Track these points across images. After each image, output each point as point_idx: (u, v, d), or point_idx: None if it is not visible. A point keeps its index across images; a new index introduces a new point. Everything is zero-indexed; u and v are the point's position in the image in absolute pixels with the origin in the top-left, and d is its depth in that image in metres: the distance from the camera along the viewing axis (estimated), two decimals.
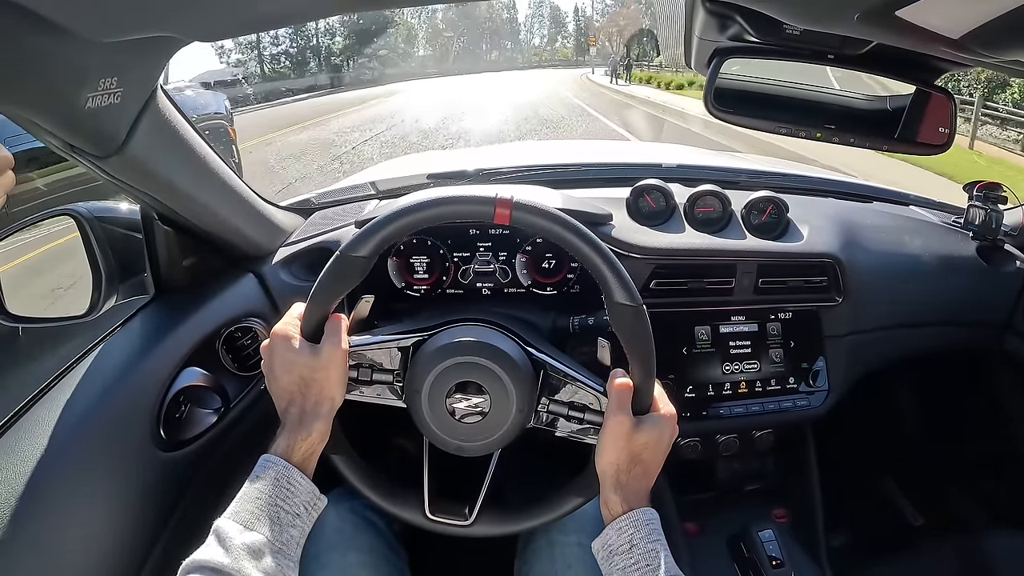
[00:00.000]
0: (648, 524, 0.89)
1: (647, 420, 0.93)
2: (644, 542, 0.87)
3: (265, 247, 1.32)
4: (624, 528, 0.88)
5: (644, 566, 0.85)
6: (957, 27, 0.66)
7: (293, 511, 0.84)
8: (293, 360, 0.91)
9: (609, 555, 0.89)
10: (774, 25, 0.81)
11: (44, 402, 1.03)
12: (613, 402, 0.93)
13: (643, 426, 0.92)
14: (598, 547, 0.91)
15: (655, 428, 0.93)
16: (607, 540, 0.90)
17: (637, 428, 0.91)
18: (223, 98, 8.88)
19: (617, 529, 0.89)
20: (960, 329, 1.59)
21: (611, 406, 0.93)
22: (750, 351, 1.43)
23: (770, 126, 0.99)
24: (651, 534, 0.88)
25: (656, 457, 0.94)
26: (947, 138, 0.94)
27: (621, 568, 0.86)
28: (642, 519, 0.89)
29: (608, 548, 0.89)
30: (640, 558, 0.86)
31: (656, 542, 0.87)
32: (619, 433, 0.91)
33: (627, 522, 0.88)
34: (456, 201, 0.91)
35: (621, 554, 0.87)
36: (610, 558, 0.89)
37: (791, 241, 1.43)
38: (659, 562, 0.85)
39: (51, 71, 0.72)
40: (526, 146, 3.14)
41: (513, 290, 1.42)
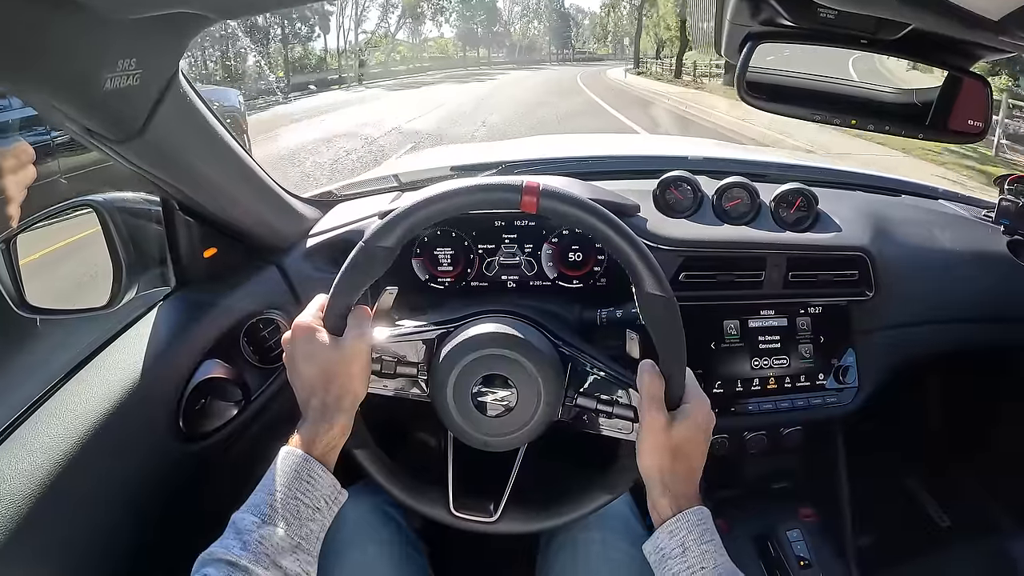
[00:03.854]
0: (700, 525, 0.86)
1: (681, 414, 0.90)
2: (697, 544, 0.84)
3: (288, 239, 1.31)
4: (675, 531, 0.86)
5: (699, 569, 0.82)
6: (998, 8, 0.64)
7: (313, 505, 0.83)
8: (315, 352, 0.89)
9: (662, 559, 0.86)
10: (809, 8, 0.79)
11: (63, 393, 1.02)
12: (645, 400, 0.90)
13: (679, 420, 0.89)
14: (650, 550, 0.89)
15: (691, 420, 0.90)
16: (659, 543, 0.87)
17: (673, 424, 0.89)
18: (236, 93, 8.93)
19: (668, 532, 0.86)
20: (991, 325, 1.56)
21: (644, 405, 0.90)
22: (779, 346, 1.41)
23: (804, 113, 0.96)
24: (703, 535, 0.85)
25: (698, 449, 0.92)
26: (981, 127, 0.92)
27: (675, 573, 0.84)
28: (693, 520, 0.86)
29: (660, 552, 0.86)
30: (694, 561, 0.83)
31: (709, 543, 0.85)
32: (656, 432, 0.88)
33: (678, 524, 0.86)
34: (482, 189, 0.89)
35: (674, 558, 0.84)
36: (663, 562, 0.86)
37: (821, 234, 1.40)
38: (713, 564, 0.83)
39: (68, 50, 0.70)
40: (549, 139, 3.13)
41: (539, 283, 1.41)
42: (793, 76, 1.00)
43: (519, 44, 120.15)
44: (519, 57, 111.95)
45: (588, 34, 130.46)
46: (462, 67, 78.24)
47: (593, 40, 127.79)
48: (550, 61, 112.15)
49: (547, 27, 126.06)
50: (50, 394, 1.02)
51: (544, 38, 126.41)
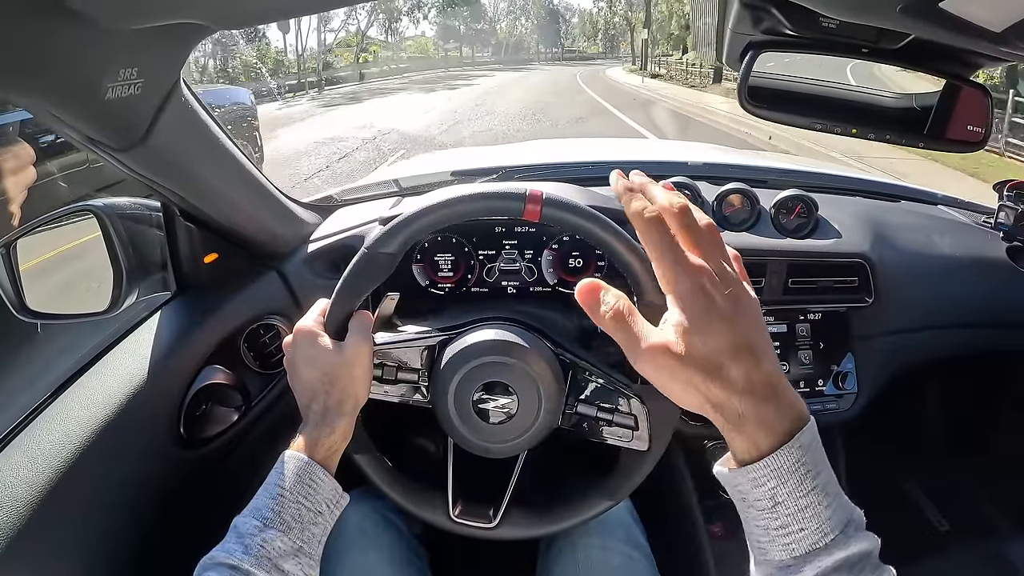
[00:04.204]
0: (796, 471, 0.58)
1: (672, 315, 0.62)
2: (792, 498, 0.59)
3: (288, 244, 1.31)
4: (760, 479, 0.59)
5: (797, 531, 0.59)
6: (1001, 20, 0.64)
7: (315, 508, 0.83)
8: (317, 356, 0.89)
9: (745, 505, 0.63)
10: (811, 17, 0.79)
11: (63, 399, 1.02)
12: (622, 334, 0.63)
13: (678, 325, 0.61)
14: (727, 479, 0.63)
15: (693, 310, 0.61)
16: (737, 484, 0.62)
17: (675, 334, 0.60)
18: (247, 92, 8.92)
19: (752, 480, 0.60)
20: (990, 331, 1.56)
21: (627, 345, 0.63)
22: (779, 352, 1.41)
23: (804, 122, 0.96)
24: (800, 485, 0.58)
25: (750, 339, 0.60)
26: (982, 135, 0.92)
27: (764, 527, 0.60)
28: (785, 465, 0.58)
29: (741, 495, 0.62)
30: (789, 520, 0.59)
31: (809, 494, 0.59)
32: (664, 365, 0.60)
33: (764, 472, 0.59)
34: (486, 197, 0.89)
35: (762, 511, 0.60)
36: (747, 509, 0.62)
37: (821, 240, 1.41)
38: (817, 523, 0.59)
39: (69, 60, 0.70)
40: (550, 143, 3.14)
41: (539, 289, 1.41)
42: (794, 81, 1.00)
43: (505, 42, 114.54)
44: (505, 56, 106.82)
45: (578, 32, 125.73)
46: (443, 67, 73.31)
47: (583, 38, 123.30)
48: (539, 60, 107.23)
49: (535, 24, 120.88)
50: (51, 400, 1.02)
51: (532, 36, 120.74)
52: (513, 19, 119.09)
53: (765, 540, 0.61)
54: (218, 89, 8.59)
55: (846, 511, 0.61)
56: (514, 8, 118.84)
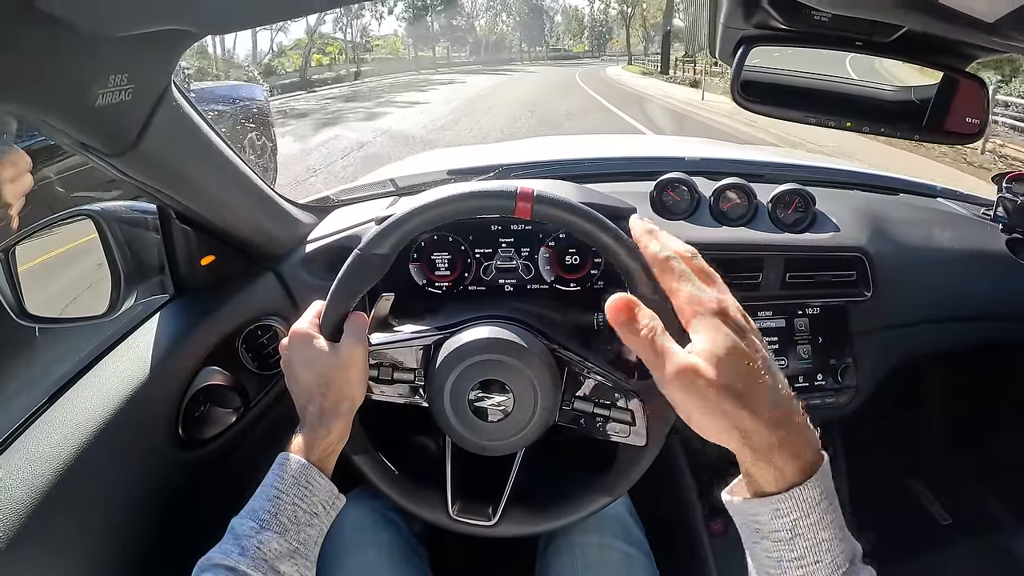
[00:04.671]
0: (820, 504, 0.60)
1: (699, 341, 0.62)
2: (812, 531, 0.59)
3: (285, 245, 1.31)
4: (784, 510, 0.60)
5: (812, 563, 0.60)
6: (993, 10, 0.64)
7: (311, 510, 0.83)
8: (313, 358, 0.90)
9: (758, 536, 0.62)
10: (802, 11, 0.79)
11: (62, 402, 1.03)
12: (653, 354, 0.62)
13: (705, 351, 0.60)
14: (738, 510, 0.64)
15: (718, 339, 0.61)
16: (755, 514, 0.62)
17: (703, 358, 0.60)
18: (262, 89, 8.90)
19: (774, 511, 0.60)
20: (990, 324, 1.56)
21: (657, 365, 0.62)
22: (777, 347, 1.40)
23: (798, 116, 0.96)
24: (822, 519, 0.60)
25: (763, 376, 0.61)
26: (978, 127, 0.92)
27: (777, 559, 0.61)
28: (811, 498, 0.59)
29: (755, 525, 0.62)
30: (806, 552, 0.60)
31: (828, 527, 0.60)
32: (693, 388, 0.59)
33: (789, 504, 0.59)
34: (476, 196, 0.89)
35: (779, 542, 0.60)
36: (760, 540, 0.62)
37: (819, 234, 1.40)
38: (831, 556, 0.60)
39: (59, 69, 0.70)
40: (546, 141, 3.14)
41: (536, 286, 1.41)
42: (788, 75, 1.00)
43: (485, 41, 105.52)
44: (485, 56, 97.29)
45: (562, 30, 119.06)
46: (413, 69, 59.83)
47: (568, 36, 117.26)
48: (522, 60, 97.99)
49: (517, 22, 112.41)
50: (50, 403, 1.02)
51: (514, 34, 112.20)
52: (493, 15, 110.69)
53: (776, 571, 0.61)
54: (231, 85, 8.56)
55: (851, 544, 0.62)
56: (494, 4, 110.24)
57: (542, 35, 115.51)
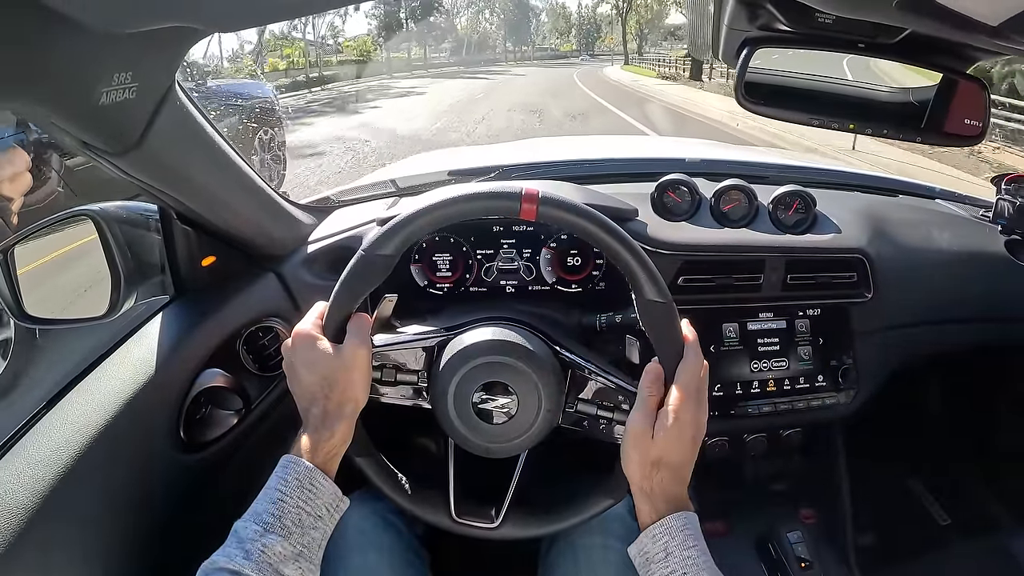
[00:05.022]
0: (683, 530, 0.86)
1: (667, 430, 0.88)
2: (680, 549, 0.84)
3: (286, 246, 1.30)
4: (658, 535, 0.86)
5: (681, 574, 0.83)
6: (996, 13, 0.64)
7: (315, 513, 0.83)
8: (316, 359, 0.89)
9: (646, 562, 0.87)
10: (806, 13, 0.79)
11: (63, 404, 1.02)
12: (638, 407, 0.90)
13: (661, 437, 0.88)
14: (634, 553, 0.89)
15: (674, 429, 0.88)
16: (643, 547, 0.87)
17: (655, 436, 0.88)
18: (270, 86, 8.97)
19: (652, 536, 0.86)
20: (990, 325, 1.57)
21: (634, 410, 0.90)
22: (778, 348, 1.41)
23: (802, 118, 0.97)
24: (687, 540, 0.85)
25: (683, 456, 0.90)
26: (979, 129, 0.92)
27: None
28: (676, 525, 0.86)
29: (644, 555, 0.87)
30: (677, 566, 0.83)
31: (693, 548, 0.84)
32: (636, 438, 0.89)
33: (661, 529, 0.86)
34: (482, 197, 0.89)
35: (657, 562, 0.85)
36: (647, 565, 0.86)
37: (820, 235, 1.40)
38: (696, 569, 0.83)
39: (63, 66, 0.70)
40: (546, 142, 3.15)
41: (538, 288, 1.41)
42: (791, 77, 1.00)
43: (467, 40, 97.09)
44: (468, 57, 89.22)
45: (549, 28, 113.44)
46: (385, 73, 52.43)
47: (555, 34, 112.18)
48: (506, 60, 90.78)
49: (502, 19, 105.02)
50: (51, 405, 1.02)
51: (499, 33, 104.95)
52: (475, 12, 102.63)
53: None
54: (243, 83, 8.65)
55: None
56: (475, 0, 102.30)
57: (528, 34, 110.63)
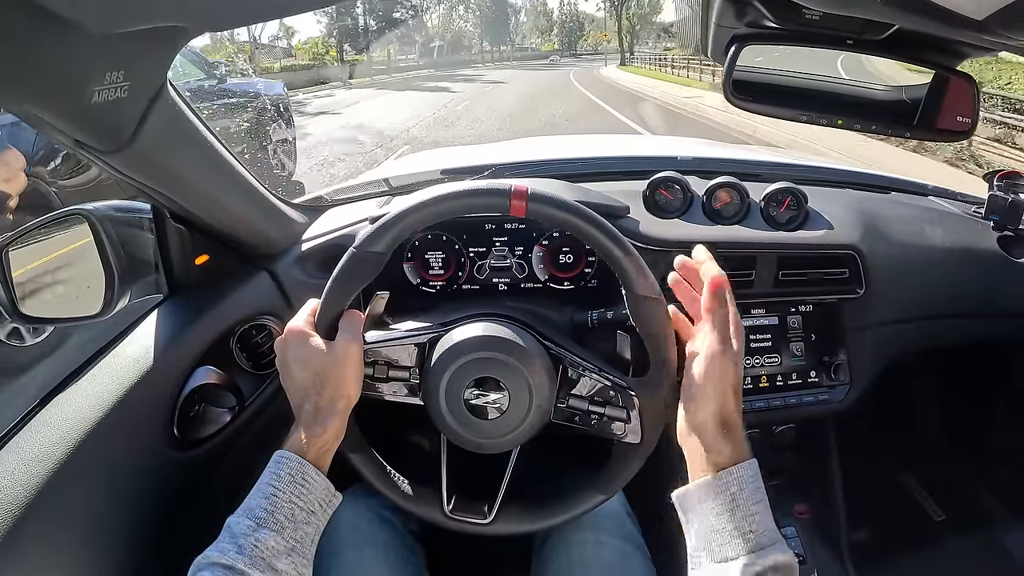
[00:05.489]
0: (754, 480, 0.79)
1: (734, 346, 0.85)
2: (749, 503, 0.77)
3: (279, 244, 1.31)
4: (728, 483, 0.79)
5: (748, 532, 0.75)
6: (981, 8, 0.65)
7: (307, 508, 0.84)
8: (308, 356, 0.90)
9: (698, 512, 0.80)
10: (793, 10, 0.79)
11: (57, 402, 1.02)
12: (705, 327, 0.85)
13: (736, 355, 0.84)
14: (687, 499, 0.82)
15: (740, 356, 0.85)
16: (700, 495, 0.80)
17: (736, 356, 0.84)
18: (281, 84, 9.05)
19: (721, 484, 0.79)
20: (982, 321, 1.57)
21: (702, 330, 0.86)
22: (771, 345, 1.41)
23: (790, 114, 0.97)
24: (755, 492, 0.78)
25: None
26: (969, 124, 0.92)
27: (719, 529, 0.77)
28: (747, 475, 0.79)
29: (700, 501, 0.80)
30: (742, 521, 0.76)
31: (760, 503, 0.78)
32: (718, 359, 0.83)
33: (731, 478, 0.79)
34: (470, 194, 0.90)
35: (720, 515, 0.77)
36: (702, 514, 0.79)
37: (812, 232, 1.41)
38: (763, 527, 0.76)
39: (55, 65, 0.70)
40: (539, 141, 3.15)
41: (530, 285, 1.41)
42: (780, 74, 1.00)
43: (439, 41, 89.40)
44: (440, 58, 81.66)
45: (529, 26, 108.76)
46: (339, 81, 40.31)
47: (536, 33, 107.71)
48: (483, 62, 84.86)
49: (478, 16, 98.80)
50: (45, 403, 1.02)
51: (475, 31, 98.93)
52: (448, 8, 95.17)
53: (717, 542, 0.76)
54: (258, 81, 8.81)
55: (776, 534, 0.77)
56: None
57: (507, 32, 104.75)
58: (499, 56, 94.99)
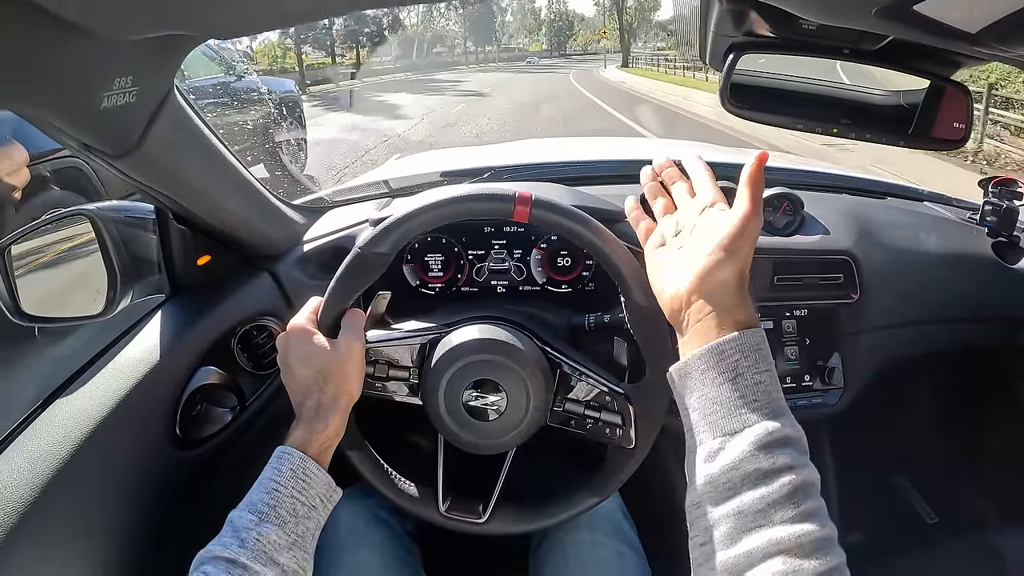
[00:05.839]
0: (758, 350, 0.71)
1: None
2: (751, 372, 0.70)
3: (280, 245, 1.31)
4: (728, 351, 0.71)
5: (752, 401, 0.69)
6: (975, 22, 0.66)
7: (309, 503, 0.84)
8: (310, 353, 0.91)
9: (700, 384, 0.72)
10: (790, 20, 0.81)
11: (60, 402, 1.03)
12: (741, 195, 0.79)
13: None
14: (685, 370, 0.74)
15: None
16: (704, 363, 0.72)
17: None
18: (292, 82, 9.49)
19: (720, 351, 0.71)
20: (977, 326, 1.58)
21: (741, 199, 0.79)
22: None
23: (787, 121, 0.98)
24: (760, 361, 0.71)
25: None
26: (963, 133, 0.93)
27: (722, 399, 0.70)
28: (751, 343, 0.71)
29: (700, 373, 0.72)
30: (747, 390, 0.69)
31: (767, 372, 0.71)
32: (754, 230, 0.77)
33: (734, 344, 0.71)
34: (475, 198, 0.91)
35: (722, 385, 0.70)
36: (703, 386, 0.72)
37: (807, 237, 1.42)
38: (768, 398, 0.69)
39: (68, 71, 0.71)
40: (538, 143, 3.14)
41: (528, 288, 1.42)
42: (778, 80, 1.01)
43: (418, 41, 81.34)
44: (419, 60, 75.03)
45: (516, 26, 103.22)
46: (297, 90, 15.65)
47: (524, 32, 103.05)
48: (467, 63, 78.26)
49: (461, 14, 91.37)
50: (48, 403, 1.03)
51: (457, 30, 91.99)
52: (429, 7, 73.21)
53: (718, 415, 0.69)
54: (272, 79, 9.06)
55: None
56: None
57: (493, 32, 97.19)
58: (484, 57, 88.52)
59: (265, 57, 57.99)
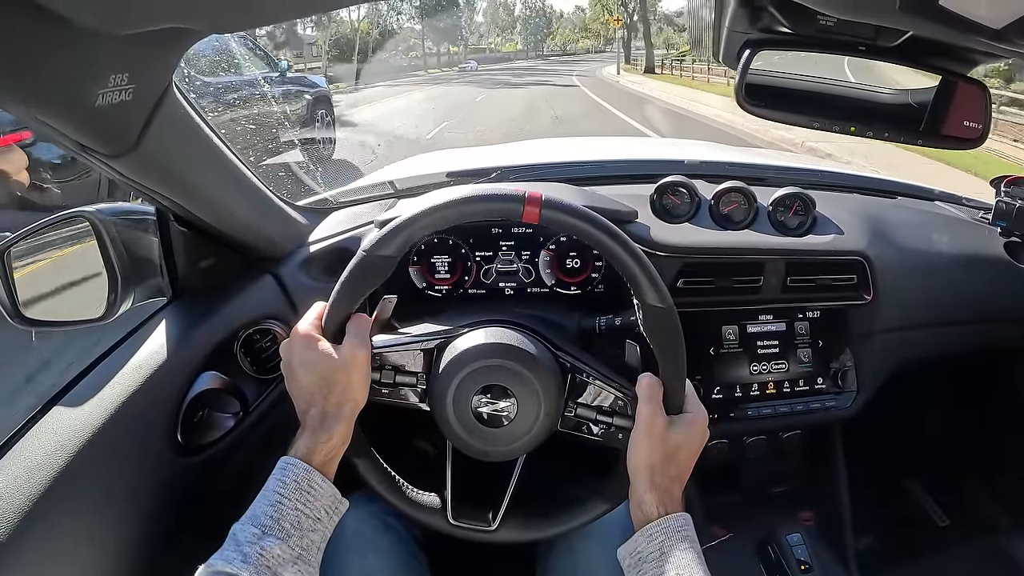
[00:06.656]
0: (680, 531, 0.85)
1: (679, 421, 0.92)
2: (675, 550, 0.83)
3: (283, 248, 1.30)
4: (655, 535, 0.85)
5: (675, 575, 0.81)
6: (1000, 17, 0.64)
7: (314, 515, 0.83)
8: (315, 360, 0.89)
9: (638, 562, 0.85)
10: (808, 15, 0.79)
11: (60, 407, 1.02)
12: (644, 399, 0.90)
13: (676, 426, 0.91)
14: (625, 554, 0.88)
15: (687, 429, 0.91)
16: (636, 547, 0.86)
17: (671, 427, 0.90)
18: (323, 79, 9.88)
19: (647, 536, 0.85)
20: (989, 327, 1.57)
21: (643, 404, 0.90)
22: (778, 351, 1.41)
23: (803, 120, 0.96)
24: (683, 541, 0.84)
25: (688, 460, 0.92)
26: (980, 131, 0.91)
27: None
28: (674, 525, 0.85)
29: (636, 555, 0.86)
30: (670, 567, 0.82)
31: (689, 550, 0.83)
32: (653, 431, 0.89)
33: (658, 529, 0.85)
34: (484, 199, 0.89)
35: (651, 562, 0.83)
36: (639, 566, 0.85)
37: (820, 237, 1.40)
38: (692, 571, 0.81)
39: (59, 68, 0.69)
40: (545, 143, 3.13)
41: (536, 290, 1.40)
42: (793, 79, 1.00)
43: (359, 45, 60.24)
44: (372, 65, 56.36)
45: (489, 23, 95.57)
46: None
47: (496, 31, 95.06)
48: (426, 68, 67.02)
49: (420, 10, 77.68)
50: (48, 408, 1.01)
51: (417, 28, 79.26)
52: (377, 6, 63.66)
53: None
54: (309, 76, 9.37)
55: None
56: None
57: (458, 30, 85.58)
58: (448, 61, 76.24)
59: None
